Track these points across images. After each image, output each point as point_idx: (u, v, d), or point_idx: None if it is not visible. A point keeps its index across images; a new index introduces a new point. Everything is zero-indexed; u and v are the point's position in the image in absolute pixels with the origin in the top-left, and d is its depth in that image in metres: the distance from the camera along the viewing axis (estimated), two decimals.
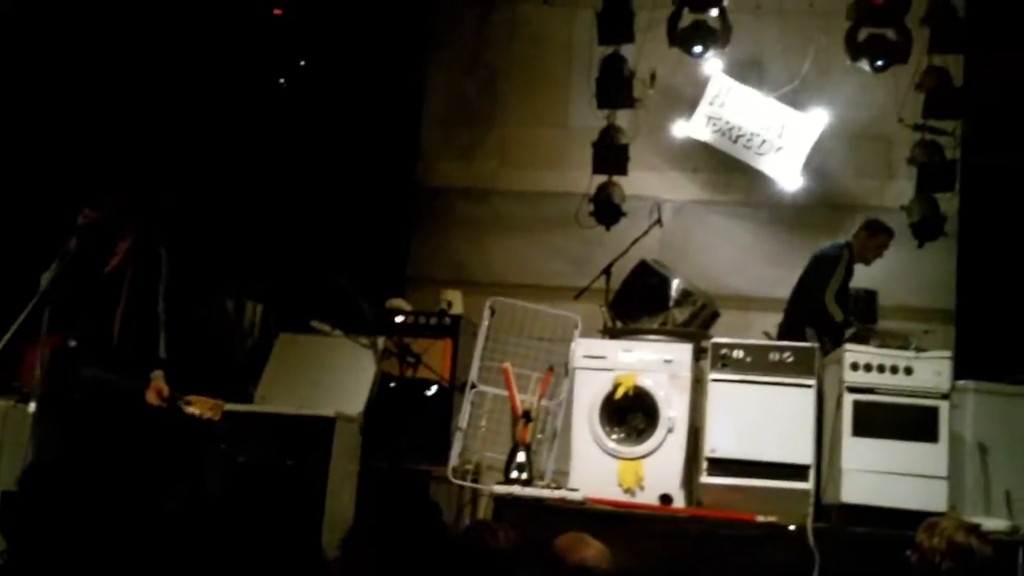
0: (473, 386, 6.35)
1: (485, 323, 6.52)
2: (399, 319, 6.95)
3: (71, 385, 4.87)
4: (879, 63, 7.95)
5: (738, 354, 6.25)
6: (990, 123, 8.16)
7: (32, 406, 4.99)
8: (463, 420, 6.30)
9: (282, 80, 8.00)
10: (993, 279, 7.76)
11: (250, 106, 7.75)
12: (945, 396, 6.05)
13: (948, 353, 6.28)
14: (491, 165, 8.89)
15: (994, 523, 5.90)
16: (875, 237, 7.23)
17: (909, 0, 7.88)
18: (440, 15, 9.11)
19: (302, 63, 7.98)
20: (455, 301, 7.22)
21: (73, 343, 5.03)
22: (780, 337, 7.03)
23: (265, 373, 6.33)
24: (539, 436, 6.36)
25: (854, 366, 6.13)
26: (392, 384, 6.54)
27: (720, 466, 6.06)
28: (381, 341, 6.62)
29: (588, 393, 6.28)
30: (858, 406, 6.06)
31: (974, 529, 4.24)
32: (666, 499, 6.04)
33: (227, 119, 7.62)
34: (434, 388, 6.61)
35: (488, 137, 8.93)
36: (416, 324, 6.99)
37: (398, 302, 7.20)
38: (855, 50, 7.98)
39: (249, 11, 7.97)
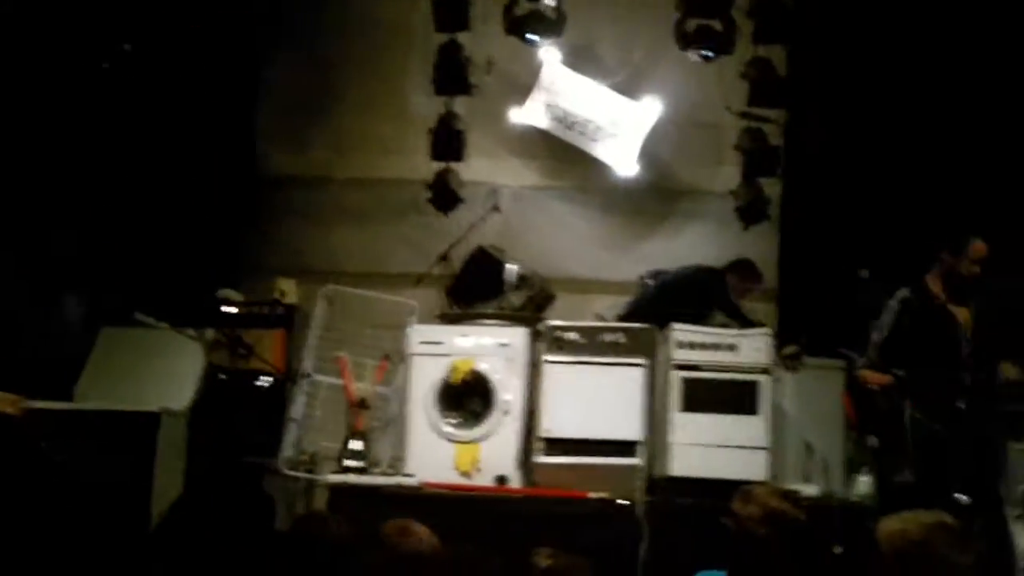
0: (307, 376, 6.29)
1: (319, 312, 6.46)
2: (230, 309, 6.81)
3: None
4: (707, 53, 8.19)
5: (572, 336, 6.39)
6: (811, 111, 8.51)
7: None
8: (297, 410, 6.24)
9: (105, 64, 7.69)
10: (811, 260, 8.12)
11: (71, 90, 7.44)
12: (765, 371, 6.33)
13: (768, 330, 6.57)
14: (328, 153, 8.78)
15: (811, 489, 6.23)
16: (745, 282, 7.31)
17: None
18: (276, 2, 8.93)
19: (126, 47, 7.69)
20: (289, 290, 7.13)
21: None
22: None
23: (86, 369, 6.12)
24: (375, 424, 6.35)
25: (680, 344, 6.35)
26: (222, 376, 6.41)
27: (554, 446, 6.19)
28: (210, 333, 6.49)
29: (425, 379, 6.30)
30: (685, 383, 6.29)
31: (788, 494, 4.43)
32: (502, 480, 6.13)
33: (46, 104, 7.29)
34: (267, 379, 6.52)
35: (325, 125, 8.81)
36: (248, 314, 6.86)
37: (229, 292, 7.06)
38: (684, 40, 8.21)
39: None
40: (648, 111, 8.35)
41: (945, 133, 7.80)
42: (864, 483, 6.14)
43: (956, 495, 5.92)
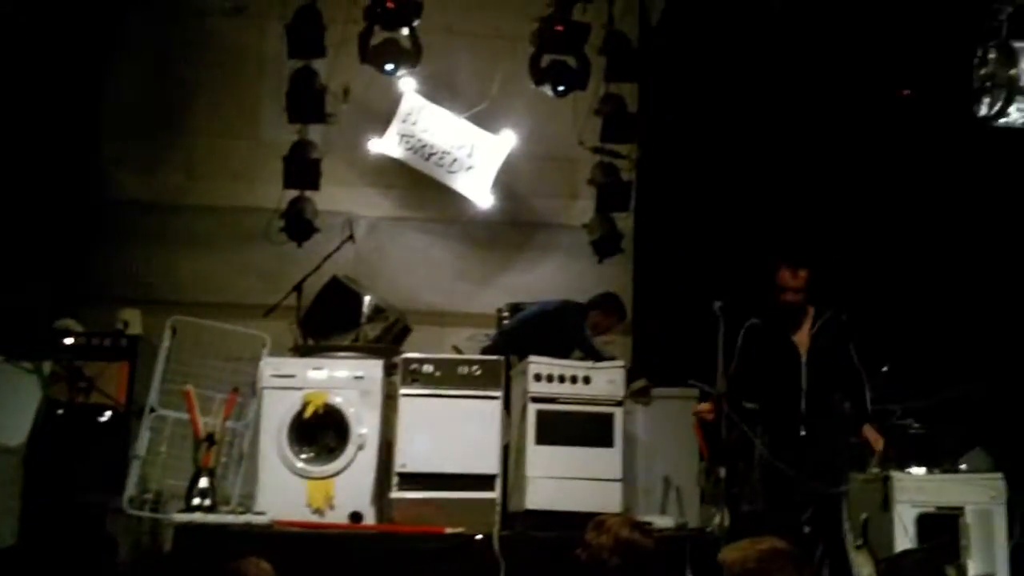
0: (152, 410, 6.04)
1: (165, 343, 6.23)
2: (69, 340, 6.48)
3: None
4: (560, 88, 8.32)
5: (428, 368, 6.34)
6: (661, 147, 8.75)
7: None
8: (141, 447, 5.98)
9: None
10: (665, 292, 8.32)
11: None
12: (619, 403, 6.43)
13: (622, 363, 6.68)
14: (178, 178, 8.51)
15: (665, 520, 6.34)
16: (608, 317, 7.34)
17: (588, 29, 8.31)
18: (124, 24, 8.62)
19: None
20: (133, 321, 6.83)
21: None
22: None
23: None
24: (224, 460, 6.14)
25: (537, 377, 6.39)
26: (61, 411, 6.09)
27: (410, 480, 6.12)
28: (48, 365, 6.16)
29: (276, 413, 6.14)
30: (541, 415, 6.32)
31: (638, 525, 4.51)
32: (356, 517, 6.01)
33: None
34: (108, 414, 6.22)
35: (175, 149, 8.55)
36: (89, 346, 6.54)
37: (68, 322, 6.71)
38: (538, 75, 8.32)
39: None
40: (504, 144, 8.42)
41: (790, 164, 8.12)
42: (715, 513, 6.28)
43: (801, 524, 6.14)
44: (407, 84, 8.35)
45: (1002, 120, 5.84)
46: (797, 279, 5.84)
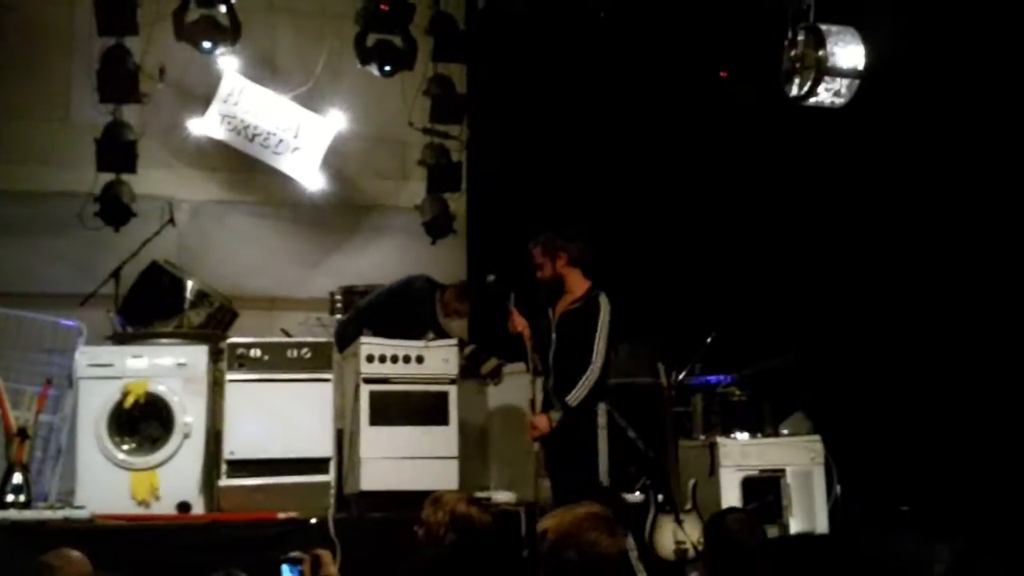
0: None
1: None
2: None
3: None
4: (387, 68, 8.22)
5: (256, 353, 6.18)
6: (490, 127, 8.78)
7: None
8: None
9: None
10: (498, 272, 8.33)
11: None
12: (453, 381, 6.42)
13: (454, 341, 6.66)
14: None
15: (504, 496, 6.38)
16: (460, 302, 7.14)
17: (413, 9, 8.25)
18: None
19: None
20: None
21: None
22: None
23: None
24: (39, 455, 5.83)
25: (369, 358, 6.31)
26: None
27: (240, 467, 5.96)
28: None
29: (95, 404, 5.87)
30: (374, 396, 6.26)
31: (475, 500, 4.51)
32: (184, 507, 5.82)
33: None
34: None
35: None
36: None
37: None
38: (364, 55, 8.20)
39: None
40: (331, 125, 8.26)
41: (614, 143, 8.29)
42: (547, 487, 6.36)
43: (630, 492, 6.29)
44: (227, 63, 8.07)
45: (812, 100, 6.12)
46: (535, 256, 5.92)
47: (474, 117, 8.81)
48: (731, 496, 6.16)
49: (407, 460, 6.17)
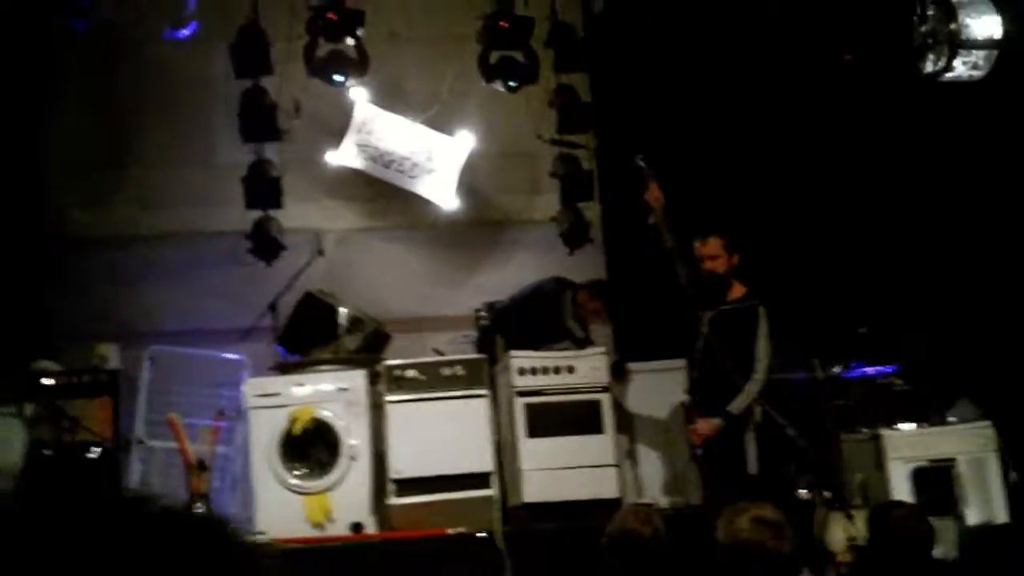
0: (139, 442, 5.97)
1: (146, 375, 6.15)
2: (48, 381, 6.37)
3: None
4: (512, 83, 8.33)
5: (411, 373, 6.33)
6: (618, 133, 8.78)
7: None
8: (132, 479, 5.90)
9: None
10: (639, 277, 8.33)
11: None
12: (605, 389, 6.45)
13: (603, 349, 6.69)
14: (131, 209, 8.37)
15: (671, 499, 6.37)
16: (594, 300, 7.18)
17: (532, 22, 8.34)
18: (63, 59, 8.49)
19: None
20: (109, 355, 6.74)
21: None
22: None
23: None
24: (217, 484, 6.08)
25: (521, 371, 6.39)
26: (47, 452, 5.99)
27: (407, 486, 6.11)
28: (30, 407, 6.06)
29: (265, 433, 6.10)
30: (529, 408, 6.33)
31: (641, 510, 4.46)
32: (357, 527, 5.99)
33: None
34: (97, 450, 6.13)
35: (126, 180, 8.41)
36: (69, 384, 6.44)
37: (45, 363, 6.61)
38: (489, 72, 8.32)
39: None
40: (462, 144, 8.41)
41: (746, 139, 8.20)
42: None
43: (799, 490, 6.20)
44: (358, 94, 8.31)
45: (948, 75, 5.95)
46: (707, 247, 5.86)
47: (601, 123, 8.82)
48: (901, 489, 6.02)
49: (567, 470, 6.23)
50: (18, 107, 8.01)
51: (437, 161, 8.35)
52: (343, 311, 6.87)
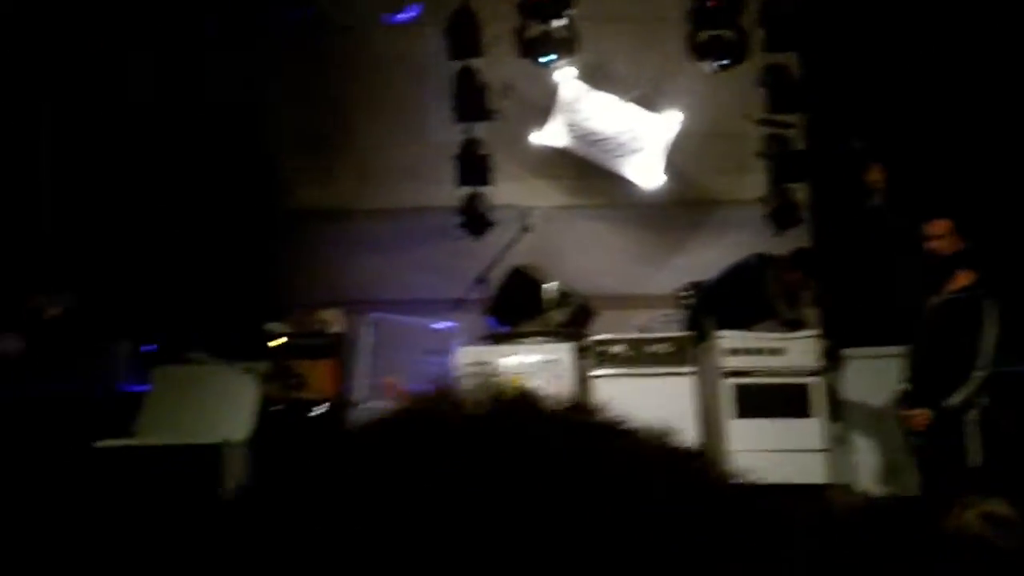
0: (359, 403, 6.27)
1: (367, 339, 6.45)
2: (278, 342, 6.79)
3: None
4: (721, 63, 8.27)
5: (618, 349, 6.39)
6: (830, 112, 8.56)
7: None
8: None
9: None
10: (849, 258, 8.12)
11: (104, 139, 7.52)
12: (815, 373, 6.33)
13: (815, 332, 6.57)
14: (352, 184, 8.78)
15: (885, 487, 6.20)
16: (798, 274, 7.07)
17: (742, 2, 8.23)
18: (289, 46, 8.98)
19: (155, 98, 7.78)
20: (333, 320, 7.11)
21: None
22: None
23: (144, 407, 6.10)
24: None
25: (728, 351, 6.35)
26: (277, 407, 6.39)
27: None
28: (261, 366, 6.47)
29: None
30: (737, 389, 6.28)
31: (848, 502, 4.36)
32: None
33: (76, 153, 7.36)
34: (321, 408, 6.49)
35: (345, 156, 8.82)
36: (296, 346, 6.85)
37: (275, 325, 7.04)
38: (697, 51, 8.29)
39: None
40: (669, 123, 8.40)
41: (967, 118, 7.85)
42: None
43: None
44: (566, 73, 8.43)
45: None
46: (933, 227, 5.62)
47: (812, 103, 8.62)
48: None
49: (774, 453, 6.15)
50: (251, 93, 8.54)
51: (643, 141, 8.37)
52: (551, 285, 7.00)
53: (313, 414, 6.29)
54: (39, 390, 5.82)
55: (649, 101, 8.47)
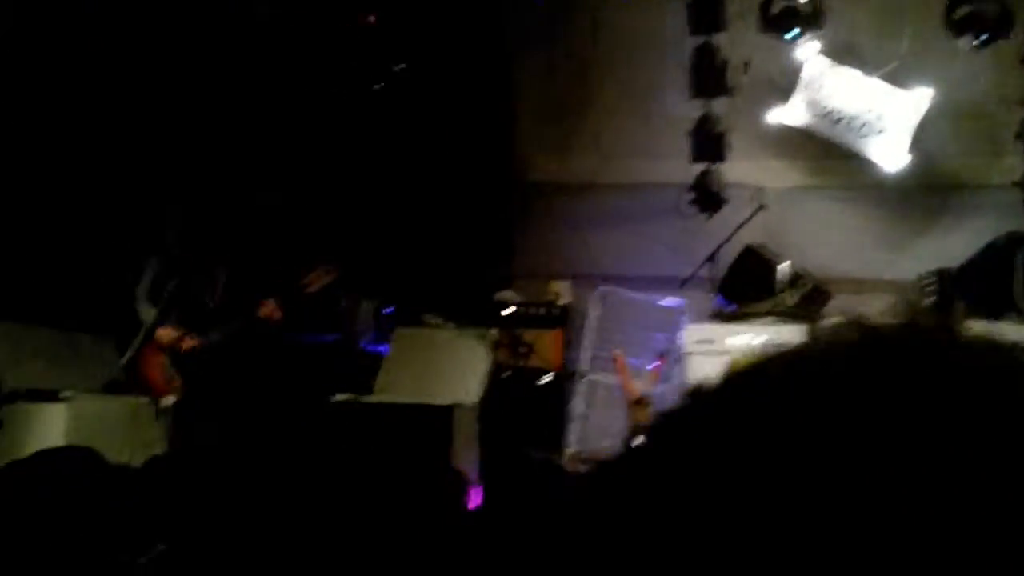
0: (584, 375, 6.38)
1: (594, 312, 6.54)
2: (508, 310, 7.01)
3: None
4: (980, 39, 7.78)
5: None
6: None
7: (167, 401, 5.17)
8: (577, 408, 6.33)
9: (377, 86, 8.16)
10: None
11: (348, 114, 7.94)
12: None
13: None
14: (588, 158, 8.88)
15: None
16: None
17: None
18: (526, 22, 9.17)
19: (397, 68, 8.13)
20: (563, 292, 7.25)
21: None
22: None
23: (383, 366, 6.45)
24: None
25: None
26: (506, 374, 6.60)
27: None
28: (493, 332, 6.69)
29: (701, 377, 6.23)
30: None
31: None
32: None
33: (327, 127, 7.81)
34: (547, 377, 6.65)
35: (583, 131, 8.94)
36: (526, 315, 7.04)
37: (507, 294, 7.26)
38: (954, 27, 7.83)
39: (342, 23, 8.20)
40: (918, 102, 8.00)
41: None
42: None
43: None
44: (809, 50, 8.17)
45: None
46: None
47: None
48: None
49: None
50: (492, 68, 8.80)
51: (888, 120, 8.01)
52: (783, 266, 6.86)
53: (540, 383, 6.46)
54: (290, 344, 6.25)
55: (897, 78, 8.09)
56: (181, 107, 6.96)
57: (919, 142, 8.07)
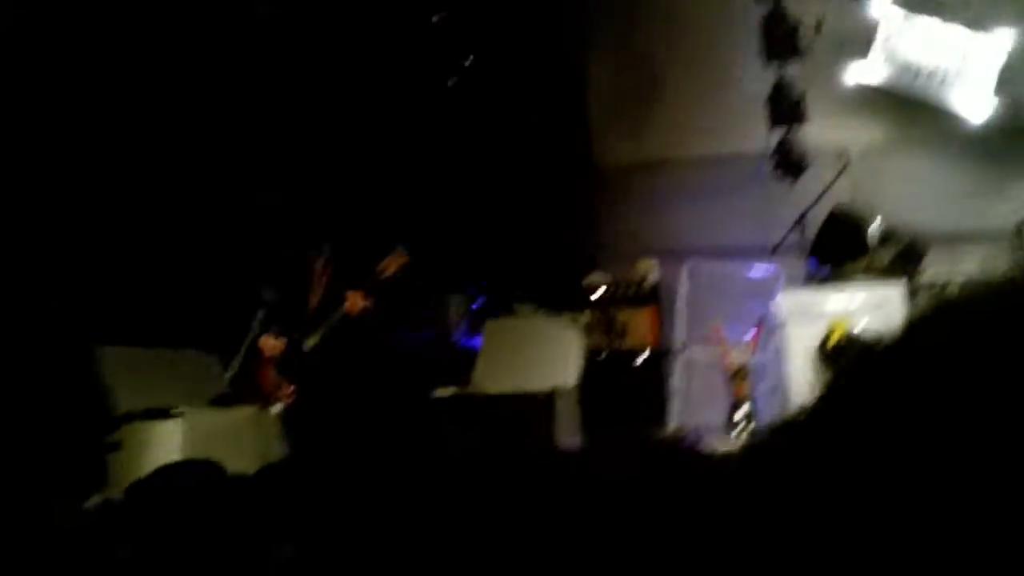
0: (681, 349, 6.35)
1: (684, 287, 6.50)
2: (599, 293, 7.00)
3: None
4: None
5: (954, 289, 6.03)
6: None
7: (275, 408, 5.29)
8: (677, 383, 6.30)
9: (450, 82, 8.21)
10: None
11: (424, 111, 8.01)
12: None
13: None
14: (663, 134, 8.82)
15: None
16: None
17: None
18: (599, 5, 9.16)
19: (467, 62, 8.17)
20: (651, 269, 7.22)
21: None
22: None
23: (479, 358, 6.50)
24: (755, 394, 6.29)
25: None
26: (601, 356, 6.60)
27: None
28: (584, 316, 6.69)
29: (800, 343, 6.16)
30: None
31: None
32: None
33: (404, 123, 7.88)
34: (643, 356, 6.62)
35: (656, 107, 8.88)
36: (616, 296, 7.02)
37: (596, 277, 7.25)
38: None
39: (410, 24, 8.27)
40: (1000, 44, 7.75)
41: None
42: None
43: None
44: (883, 2, 7.98)
45: None
46: None
47: None
48: None
49: None
50: (564, 51, 8.79)
51: (971, 66, 7.79)
52: (875, 224, 6.72)
53: (636, 363, 6.44)
54: (383, 344, 6.32)
55: (977, 22, 7.85)
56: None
57: (1005, 85, 7.82)
